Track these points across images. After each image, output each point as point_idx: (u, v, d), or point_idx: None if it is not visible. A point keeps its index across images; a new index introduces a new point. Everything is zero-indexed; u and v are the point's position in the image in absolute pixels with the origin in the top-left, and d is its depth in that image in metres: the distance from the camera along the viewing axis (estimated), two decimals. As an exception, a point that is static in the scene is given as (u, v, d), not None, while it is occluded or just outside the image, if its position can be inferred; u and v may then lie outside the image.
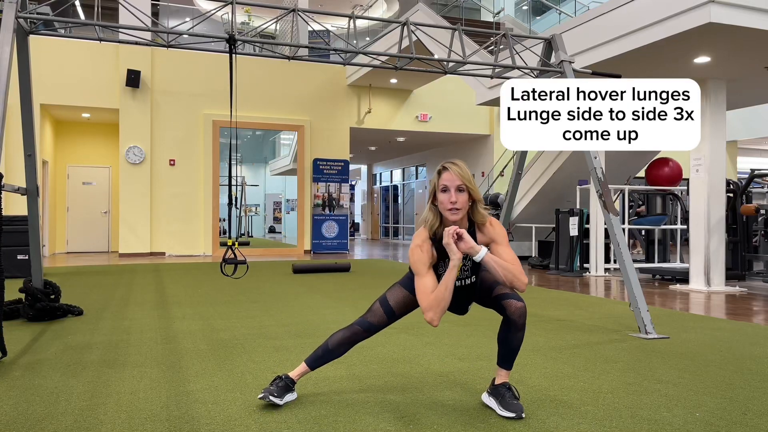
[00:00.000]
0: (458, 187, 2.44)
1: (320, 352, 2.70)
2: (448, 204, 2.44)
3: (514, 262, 2.45)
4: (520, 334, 2.54)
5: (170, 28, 4.97)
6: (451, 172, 2.45)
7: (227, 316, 5.10)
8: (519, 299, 2.51)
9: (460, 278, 2.58)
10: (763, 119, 16.00)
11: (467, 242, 2.41)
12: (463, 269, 2.57)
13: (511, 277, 2.42)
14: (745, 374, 3.29)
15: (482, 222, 2.54)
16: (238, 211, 17.74)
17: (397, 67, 5.67)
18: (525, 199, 11.97)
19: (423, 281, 2.46)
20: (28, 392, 2.85)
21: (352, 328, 2.67)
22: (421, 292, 2.45)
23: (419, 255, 2.48)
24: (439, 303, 2.42)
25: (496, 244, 2.52)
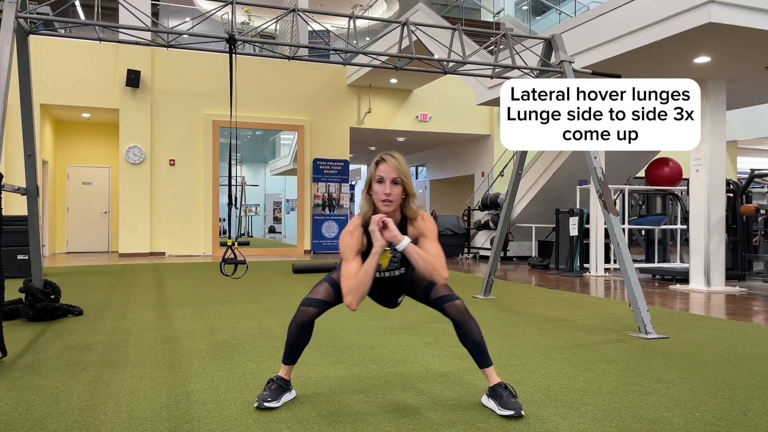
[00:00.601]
0: (393, 179, 2.51)
1: (287, 348, 2.69)
2: (382, 195, 2.50)
3: (438, 256, 2.50)
4: (473, 326, 2.58)
5: (170, 28, 4.98)
6: (388, 164, 2.52)
7: (227, 316, 5.10)
8: (454, 298, 2.58)
9: (389, 269, 2.63)
10: (763, 119, 15.99)
11: (391, 231, 2.46)
12: (392, 260, 2.61)
13: (431, 269, 2.45)
14: (745, 374, 3.29)
15: (414, 216, 2.59)
16: (238, 211, 17.74)
17: (397, 67, 5.67)
18: (525, 199, 11.97)
19: (347, 266, 2.50)
20: (28, 392, 2.85)
21: (300, 311, 2.61)
22: (344, 276, 2.50)
23: (348, 241, 2.54)
24: (359, 287, 2.45)
25: (424, 238, 2.57)
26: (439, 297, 2.60)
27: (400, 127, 14.82)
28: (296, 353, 2.69)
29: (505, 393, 2.57)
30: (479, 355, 2.62)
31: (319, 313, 2.63)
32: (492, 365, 2.65)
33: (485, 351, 2.62)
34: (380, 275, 2.64)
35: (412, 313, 5.24)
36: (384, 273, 2.64)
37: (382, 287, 2.69)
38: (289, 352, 2.69)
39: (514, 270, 10.36)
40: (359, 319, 4.88)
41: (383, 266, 2.62)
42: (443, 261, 2.51)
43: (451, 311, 2.57)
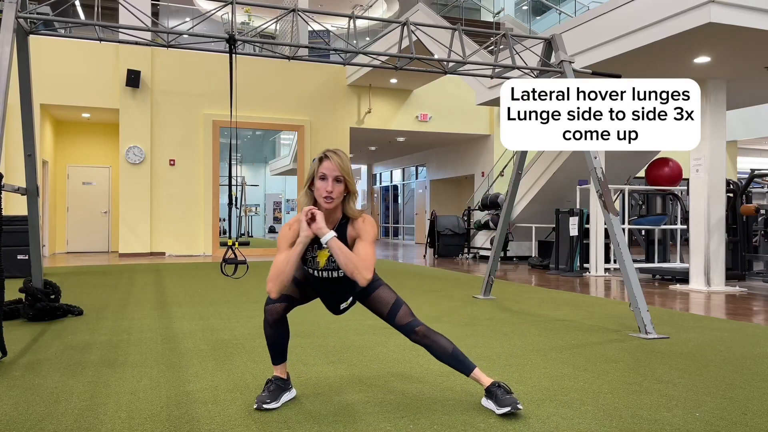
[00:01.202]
0: (336, 177, 2.51)
1: (270, 349, 2.70)
2: (324, 192, 2.50)
3: (365, 257, 2.47)
4: (441, 340, 2.64)
5: (170, 28, 4.98)
6: (332, 161, 2.51)
7: (227, 316, 5.10)
8: (416, 325, 2.62)
9: (327, 269, 2.61)
10: (763, 119, 16.00)
11: (318, 223, 2.46)
12: (330, 260, 2.59)
13: (352, 268, 2.43)
14: (745, 374, 3.29)
15: (354, 216, 2.59)
16: (238, 211, 17.74)
17: (397, 67, 5.67)
18: (525, 199, 11.97)
19: (278, 256, 2.52)
20: (28, 392, 2.85)
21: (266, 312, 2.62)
22: (272, 265, 2.51)
23: (285, 233, 2.56)
24: (278, 275, 2.46)
25: (360, 240, 2.55)
26: (403, 325, 2.63)
27: (400, 127, 14.82)
28: (280, 351, 2.70)
29: (499, 391, 2.57)
30: (458, 364, 2.65)
31: (287, 308, 2.63)
32: (476, 367, 2.65)
33: (462, 357, 2.64)
34: (318, 274, 2.62)
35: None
36: (322, 272, 2.61)
37: (322, 287, 2.67)
38: (273, 351, 2.70)
39: (514, 270, 10.36)
40: (359, 319, 4.88)
41: (320, 264, 2.60)
42: (370, 263, 2.46)
43: (417, 338, 2.62)
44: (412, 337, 2.63)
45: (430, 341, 2.62)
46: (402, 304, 2.66)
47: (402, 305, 2.66)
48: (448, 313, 5.25)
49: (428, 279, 8.50)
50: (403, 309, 2.65)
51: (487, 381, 2.63)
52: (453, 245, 13.40)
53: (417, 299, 6.15)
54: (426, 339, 2.62)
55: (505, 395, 2.55)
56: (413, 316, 2.65)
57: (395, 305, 2.65)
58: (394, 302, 2.66)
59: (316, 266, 2.61)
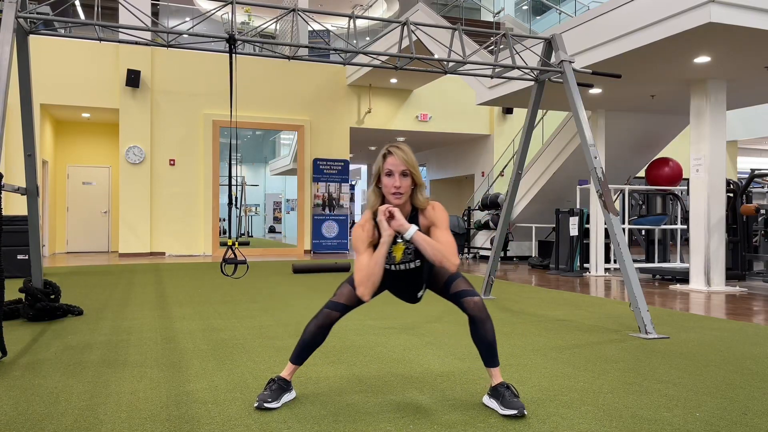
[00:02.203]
0: (402, 171, 2.51)
1: (300, 347, 2.69)
2: (392, 188, 2.51)
3: (448, 244, 2.49)
4: (488, 325, 2.59)
5: (170, 28, 4.97)
6: (396, 156, 2.51)
7: (227, 316, 5.10)
8: (474, 294, 2.59)
9: (403, 261, 2.62)
10: (763, 119, 16.00)
11: (398, 220, 2.46)
12: (406, 252, 2.61)
13: (440, 257, 2.44)
14: (745, 374, 3.29)
15: (423, 206, 2.60)
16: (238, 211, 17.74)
17: (397, 67, 5.66)
18: (525, 199, 11.97)
19: (360, 258, 2.52)
20: (28, 392, 2.85)
21: (323, 313, 2.66)
22: (356, 269, 2.51)
23: (359, 234, 2.56)
24: (369, 278, 2.47)
25: (435, 227, 2.57)
26: (459, 291, 2.60)
27: (400, 127, 14.82)
28: (308, 354, 2.71)
29: (507, 393, 2.57)
30: (489, 354, 2.63)
31: (340, 317, 2.67)
32: (499, 366, 2.66)
33: (495, 351, 2.63)
34: (396, 268, 2.64)
35: (412, 313, 5.24)
36: (399, 266, 2.63)
37: (400, 281, 2.68)
38: (301, 351, 2.69)
39: (514, 270, 10.36)
40: (359, 319, 4.88)
41: (397, 258, 2.62)
42: (454, 249, 2.49)
43: (469, 305, 2.57)
44: (467, 305, 2.57)
45: (482, 317, 2.56)
46: (460, 276, 2.66)
47: (460, 276, 2.66)
48: (448, 313, 5.25)
49: (428, 279, 8.49)
50: (460, 279, 2.64)
51: (498, 380, 2.63)
52: (453, 245, 13.37)
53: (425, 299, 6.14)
54: (479, 312, 2.56)
55: (513, 398, 2.55)
56: (471, 286, 2.63)
57: (455, 274, 2.64)
58: (452, 274, 2.65)
59: (392, 261, 2.61)
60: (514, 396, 2.56)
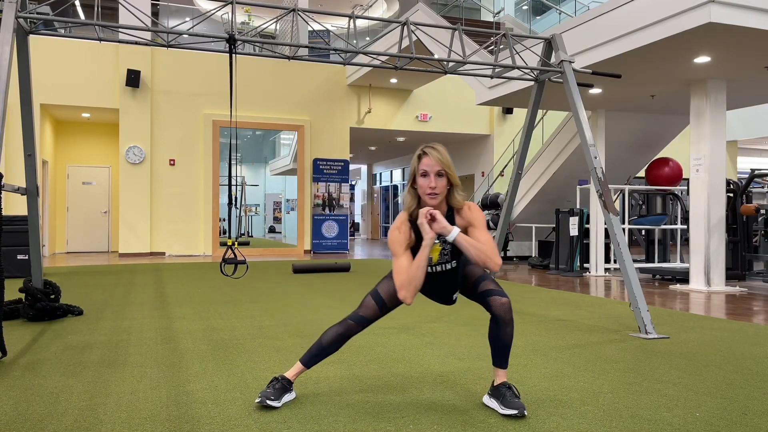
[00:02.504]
0: (438, 172, 2.49)
1: (315, 350, 2.70)
2: (427, 189, 2.49)
3: (488, 244, 2.48)
4: (509, 329, 2.58)
5: (170, 28, 4.97)
6: (431, 157, 2.49)
7: (227, 316, 5.10)
8: (503, 295, 2.56)
9: (440, 262, 2.62)
10: (763, 119, 16.00)
11: (440, 222, 2.45)
12: (442, 253, 2.60)
13: (484, 257, 2.43)
14: (745, 374, 3.29)
15: (459, 206, 2.58)
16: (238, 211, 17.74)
17: (397, 67, 5.66)
18: (525, 199, 11.97)
19: (399, 261, 2.50)
20: (28, 392, 2.85)
21: (345, 323, 2.68)
22: (396, 272, 2.49)
23: (396, 236, 2.54)
24: (411, 281, 2.45)
25: (473, 228, 2.56)
26: (488, 289, 2.58)
27: (400, 127, 14.82)
28: (320, 359, 2.72)
29: (508, 393, 2.57)
30: (502, 355, 2.63)
31: (361, 330, 2.69)
32: (506, 368, 2.67)
33: (508, 354, 2.64)
34: (432, 270, 2.63)
35: (412, 313, 5.24)
36: (435, 267, 2.62)
37: (435, 282, 2.67)
38: (316, 355, 2.70)
39: (514, 270, 10.36)
40: (359, 319, 4.88)
41: (434, 260, 2.61)
42: (495, 249, 2.49)
43: (496, 304, 2.54)
44: (494, 304, 2.54)
45: (506, 319, 2.54)
46: (490, 277, 2.66)
47: (489, 277, 2.65)
48: (448, 313, 5.25)
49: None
50: (489, 279, 2.63)
51: (501, 380, 2.64)
52: (453, 245, 13.37)
53: (417, 299, 6.15)
54: (505, 313, 2.53)
55: (514, 398, 2.55)
56: (500, 287, 2.61)
57: (484, 275, 2.65)
58: (481, 273, 2.66)
59: (429, 262, 2.60)
60: (515, 396, 2.56)
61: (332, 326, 2.71)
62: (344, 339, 2.69)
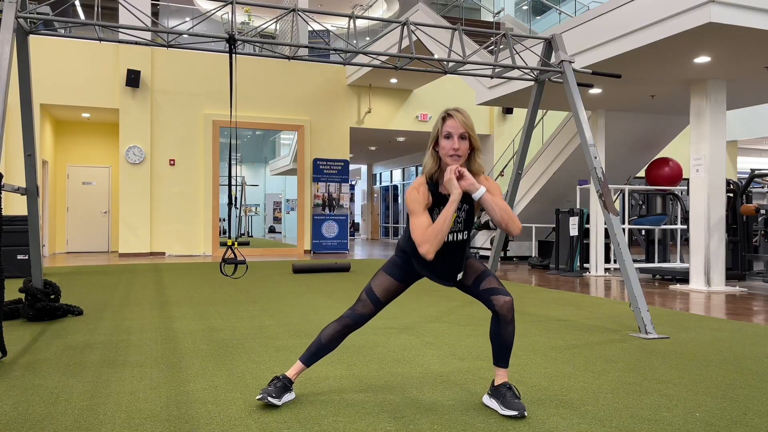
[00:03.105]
0: (461, 134, 2.50)
1: (314, 348, 2.71)
2: (450, 150, 2.49)
3: (509, 209, 2.50)
4: (511, 327, 2.58)
5: (170, 28, 4.97)
6: (456, 119, 2.51)
7: (227, 316, 5.10)
8: (506, 294, 2.57)
9: (453, 230, 2.60)
10: (763, 119, 16.01)
11: (467, 179, 2.46)
12: (456, 221, 2.59)
13: (507, 218, 2.46)
14: (745, 374, 3.29)
15: (478, 171, 2.58)
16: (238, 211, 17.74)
17: (397, 67, 5.66)
18: (525, 199, 11.97)
19: (419, 219, 2.49)
20: (28, 392, 2.86)
21: (342, 320, 2.68)
22: (416, 229, 2.47)
23: (416, 195, 2.53)
24: (436, 235, 2.43)
25: (492, 195, 2.54)
26: (492, 287, 2.58)
27: (400, 127, 14.82)
28: (320, 357, 2.72)
29: (509, 393, 2.57)
30: (503, 354, 2.63)
31: (359, 326, 2.69)
32: (507, 368, 2.66)
33: (509, 353, 2.64)
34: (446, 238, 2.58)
35: (412, 313, 5.24)
36: (448, 236, 2.58)
37: (446, 253, 2.61)
38: (315, 353, 2.71)
39: (514, 270, 10.36)
40: (359, 319, 4.88)
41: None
42: (514, 214, 2.51)
43: (499, 303, 2.54)
44: (496, 303, 2.54)
45: (508, 318, 2.55)
46: (492, 274, 2.66)
47: (491, 274, 2.65)
48: (448, 313, 5.25)
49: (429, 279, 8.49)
50: (492, 276, 2.64)
51: (501, 380, 2.63)
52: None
53: (417, 299, 6.15)
54: (508, 312, 2.54)
55: (514, 399, 2.55)
56: (503, 285, 2.61)
57: (486, 272, 2.65)
58: (485, 270, 2.66)
59: None
60: (516, 397, 2.56)
61: (330, 324, 2.71)
62: (342, 336, 2.69)
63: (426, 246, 2.42)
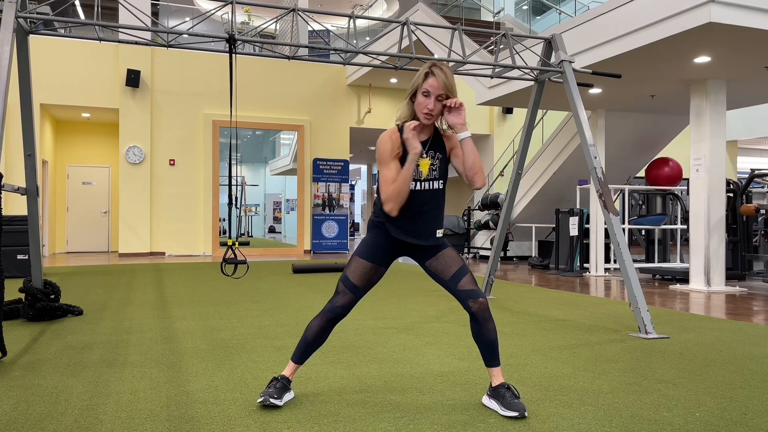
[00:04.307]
0: (438, 96, 2.49)
1: (302, 346, 2.70)
2: (425, 109, 2.49)
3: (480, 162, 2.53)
4: (491, 325, 2.59)
5: (170, 28, 4.97)
6: (437, 79, 2.49)
7: (227, 316, 5.10)
8: (480, 295, 2.56)
9: (428, 179, 2.57)
10: (763, 119, 16.01)
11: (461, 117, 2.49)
12: (431, 168, 2.56)
13: (477, 169, 2.48)
14: (745, 374, 3.29)
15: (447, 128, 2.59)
16: (238, 211, 17.74)
17: (397, 66, 5.66)
18: (525, 199, 11.97)
19: (387, 171, 2.49)
20: (28, 392, 2.85)
21: (324, 315, 2.65)
22: (383, 183, 2.49)
23: (386, 144, 2.52)
24: (399, 194, 2.46)
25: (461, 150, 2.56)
26: (466, 290, 2.56)
27: (400, 127, 14.80)
28: (309, 353, 2.71)
29: (508, 394, 2.56)
30: (490, 354, 2.62)
31: (341, 317, 2.66)
32: (500, 366, 2.65)
33: (496, 351, 2.63)
34: (420, 186, 2.56)
35: (412, 313, 5.24)
36: (424, 183, 2.56)
37: (421, 203, 2.57)
38: (304, 350, 2.69)
39: (514, 270, 10.36)
40: (358, 319, 4.88)
41: (423, 174, 2.56)
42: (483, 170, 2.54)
43: (474, 307, 2.55)
44: (472, 306, 2.54)
45: (485, 317, 2.55)
46: (469, 272, 2.60)
47: (468, 273, 2.59)
48: (447, 313, 5.25)
49: (428, 279, 8.50)
50: (468, 275, 2.58)
51: (498, 380, 2.62)
52: (453, 245, 13.39)
53: (417, 299, 6.15)
54: (483, 312, 2.55)
55: (514, 399, 2.54)
56: (477, 285, 2.58)
57: (463, 269, 2.58)
58: (463, 266, 2.60)
59: (419, 176, 2.56)
60: (515, 397, 2.56)
61: (313, 319, 2.69)
62: (327, 330, 2.67)
63: (390, 204, 2.46)
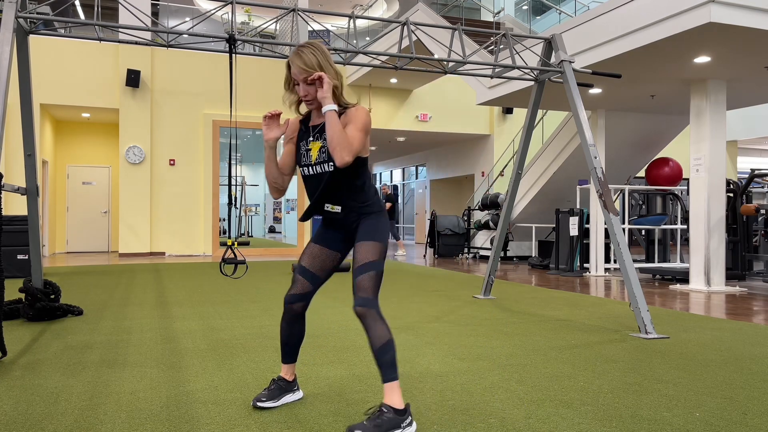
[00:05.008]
0: (305, 79, 2.41)
1: (283, 346, 2.67)
2: (301, 96, 2.48)
3: (350, 138, 2.33)
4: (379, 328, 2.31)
5: (170, 28, 4.97)
6: (294, 67, 2.42)
7: (227, 316, 5.10)
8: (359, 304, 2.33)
9: (318, 161, 2.46)
10: (763, 119, 16.01)
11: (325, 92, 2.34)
12: (321, 151, 2.47)
13: (336, 143, 2.28)
14: (745, 374, 3.29)
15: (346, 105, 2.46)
16: (238, 211, 17.74)
17: (397, 67, 5.66)
18: (525, 199, 11.97)
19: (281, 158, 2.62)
20: (28, 392, 2.85)
21: (286, 309, 2.60)
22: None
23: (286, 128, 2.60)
24: (267, 178, 2.54)
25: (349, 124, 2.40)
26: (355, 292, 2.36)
27: (400, 127, 14.82)
28: (291, 350, 2.66)
29: (381, 419, 2.22)
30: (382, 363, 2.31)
31: (304, 307, 2.60)
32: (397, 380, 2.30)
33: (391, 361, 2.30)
34: (312, 171, 2.48)
35: (412, 313, 5.24)
36: (315, 167, 2.47)
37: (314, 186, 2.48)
38: (284, 349, 2.67)
39: (514, 270, 10.36)
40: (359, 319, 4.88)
41: (312, 158, 2.48)
42: (353, 146, 2.32)
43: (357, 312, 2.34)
44: (356, 309, 2.34)
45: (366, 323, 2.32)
46: (374, 272, 2.35)
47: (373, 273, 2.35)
48: (447, 313, 5.25)
49: (428, 279, 8.50)
50: (369, 276, 2.34)
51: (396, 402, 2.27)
52: (453, 245, 13.41)
53: (417, 299, 6.15)
54: (363, 317, 2.32)
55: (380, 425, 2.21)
56: (373, 293, 2.34)
57: (367, 267, 2.36)
58: (369, 263, 2.36)
59: (309, 161, 2.48)
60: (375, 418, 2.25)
61: (281, 320, 2.65)
62: (294, 323, 2.61)
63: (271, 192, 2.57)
